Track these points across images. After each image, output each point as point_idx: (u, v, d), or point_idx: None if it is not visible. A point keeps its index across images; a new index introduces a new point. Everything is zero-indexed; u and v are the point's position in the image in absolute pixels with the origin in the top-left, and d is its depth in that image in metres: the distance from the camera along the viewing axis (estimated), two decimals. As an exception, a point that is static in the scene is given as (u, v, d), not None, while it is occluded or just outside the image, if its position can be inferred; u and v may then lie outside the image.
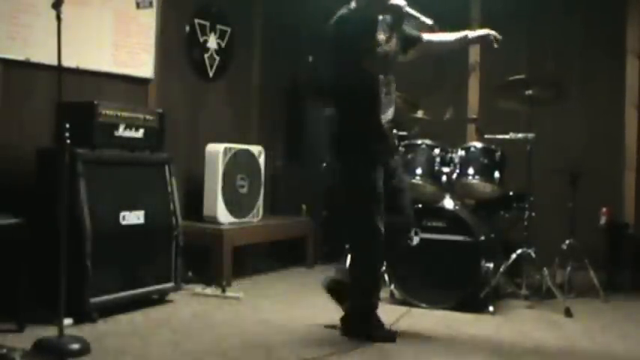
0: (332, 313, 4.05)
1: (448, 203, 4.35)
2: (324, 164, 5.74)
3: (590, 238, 4.74)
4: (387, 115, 3.52)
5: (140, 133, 3.99)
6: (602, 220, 4.96)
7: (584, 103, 5.28)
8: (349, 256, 3.75)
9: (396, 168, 3.63)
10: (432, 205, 4.38)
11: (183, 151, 4.87)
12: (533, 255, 4.26)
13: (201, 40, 5.21)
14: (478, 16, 5.74)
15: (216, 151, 4.76)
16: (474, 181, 4.35)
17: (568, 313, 4.07)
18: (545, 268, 4.33)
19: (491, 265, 4.15)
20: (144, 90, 4.69)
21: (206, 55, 5.25)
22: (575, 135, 5.32)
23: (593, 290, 4.51)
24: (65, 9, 3.12)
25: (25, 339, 3.14)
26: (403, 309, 4.15)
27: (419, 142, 4.49)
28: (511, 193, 4.60)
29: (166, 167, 4.15)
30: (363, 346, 3.36)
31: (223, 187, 4.74)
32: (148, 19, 4.62)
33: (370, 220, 3.40)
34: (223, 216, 4.75)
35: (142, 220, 3.91)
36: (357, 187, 3.47)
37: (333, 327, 3.62)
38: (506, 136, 4.45)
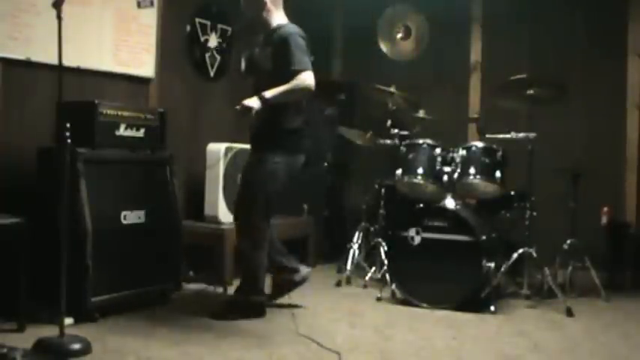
0: (333, 313, 4.05)
1: (449, 203, 4.35)
2: (326, 164, 5.74)
3: (591, 237, 4.73)
4: None
5: (141, 133, 3.98)
6: (604, 220, 4.95)
7: (585, 103, 5.27)
8: None
9: None
10: (433, 205, 4.38)
11: (184, 151, 4.87)
12: (534, 254, 4.26)
13: (202, 39, 5.20)
14: (479, 16, 5.74)
15: (217, 150, 4.76)
16: (476, 181, 4.34)
17: (569, 312, 4.07)
18: (546, 268, 4.32)
19: (492, 264, 4.14)
20: (145, 89, 4.68)
21: (207, 55, 5.25)
22: (576, 134, 5.31)
23: (595, 290, 4.51)
24: (66, 8, 3.11)
25: (25, 338, 3.13)
26: (403, 308, 4.15)
27: (420, 141, 4.48)
28: (512, 193, 4.59)
29: (167, 166, 4.14)
30: (365, 345, 3.36)
31: (224, 187, 4.74)
32: (149, 18, 4.62)
33: None
34: (224, 215, 4.74)
35: (142, 220, 3.91)
36: None
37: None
38: (508, 136, 4.44)
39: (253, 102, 3.62)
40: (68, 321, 3.30)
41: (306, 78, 3.68)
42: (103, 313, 3.63)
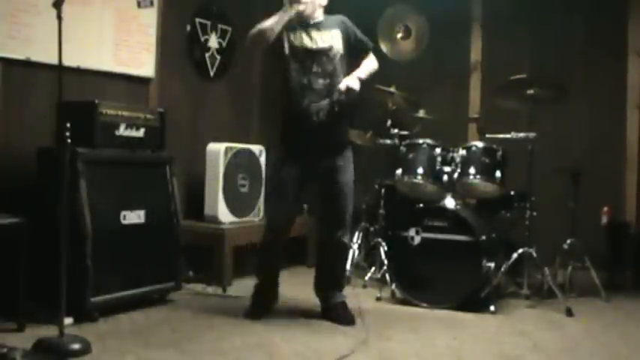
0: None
1: (449, 203, 4.35)
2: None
3: (591, 237, 4.73)
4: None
5: (141, 133, 3.99)
6: (604, 220, 4.95)
7: (585, 103, 5.27)
8: None
9: (327, 171, 3.73)
10: (433, 205, 4.38)
11: (184, 151, 4.87)
12: (534, 254, 4.26)
13: (202, 39, 5.20)
14: (479, 16, 5.73)
15: (217, 150, 4.76)
16: (476, 181, 4.35)
17: (569, 312, 4.07)
18: (546, 268, 4.32)
19: (492, 264, 4.14)
20: (145, 89, 4.68)
21: (207, 55, 5.24)
22: (576, 134, 5.31)
23: (595, 290, 4.50)
24: (66, 8, 3.11)
25: (25, 338, 3.14)
26: (403, 308, 4.15)
27: (420, 141, 4.48)
28: (512, 193, 4.60)
29: (167, 166, 4.14)
30: (365, 345, 3.36)
31: (224, 187, 4.74)
32: (149, 18, 4.61)
33: (267, 209, 3.87)
34: (224, 215, 4.74)
35: (142, 220, 3.91)
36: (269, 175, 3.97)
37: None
38: (508, 136, 4.45)
39: (355, 82, 3.63)
40: (68, 321, 3.30)
41: (374, 57, 3.91)
42: (103, 313, 3.63)
